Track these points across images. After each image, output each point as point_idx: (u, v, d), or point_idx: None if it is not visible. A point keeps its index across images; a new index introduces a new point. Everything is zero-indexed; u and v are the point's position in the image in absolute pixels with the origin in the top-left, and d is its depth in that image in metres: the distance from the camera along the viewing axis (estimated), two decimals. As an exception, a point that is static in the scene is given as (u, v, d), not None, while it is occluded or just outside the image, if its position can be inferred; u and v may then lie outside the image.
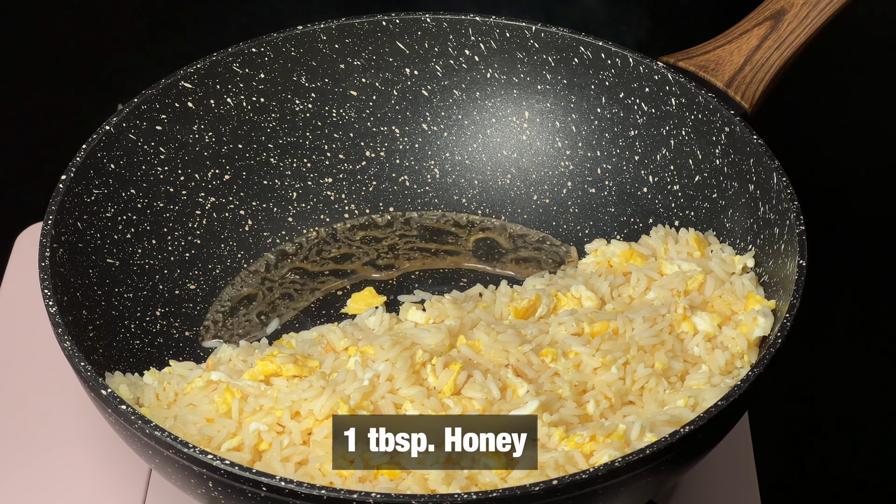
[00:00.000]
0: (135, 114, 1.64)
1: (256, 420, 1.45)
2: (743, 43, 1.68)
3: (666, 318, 1.53)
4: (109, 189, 1.62)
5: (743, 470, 1.61)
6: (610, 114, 1.73)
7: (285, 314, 1.69)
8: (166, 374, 1.53)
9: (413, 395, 1.45)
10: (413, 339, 1.50)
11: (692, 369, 1.51)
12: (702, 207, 1.67)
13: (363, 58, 1.75)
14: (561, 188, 1.77)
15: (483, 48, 1.74)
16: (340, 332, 1.54)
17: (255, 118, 1.73)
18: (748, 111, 1.64)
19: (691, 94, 1.65)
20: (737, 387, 1.37)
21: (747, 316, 1.52)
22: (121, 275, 1.61)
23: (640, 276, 1.59)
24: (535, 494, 1.29)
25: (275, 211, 1.75)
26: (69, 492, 1.58)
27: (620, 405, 1.47)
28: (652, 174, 1.71)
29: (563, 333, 1.52)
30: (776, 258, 1.54)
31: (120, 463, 1.60)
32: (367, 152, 1.79)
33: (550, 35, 1.72)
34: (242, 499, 1.33)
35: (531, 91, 1.75)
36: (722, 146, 1.63)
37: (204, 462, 1.32)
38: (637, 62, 1.68)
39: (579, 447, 1.40)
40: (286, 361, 1.49)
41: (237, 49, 1.70)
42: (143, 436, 1.35)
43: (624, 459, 1.31)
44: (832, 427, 1.80)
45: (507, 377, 1.47)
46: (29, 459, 1.61)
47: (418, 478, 1.38)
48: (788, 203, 1.52)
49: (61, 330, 1.43)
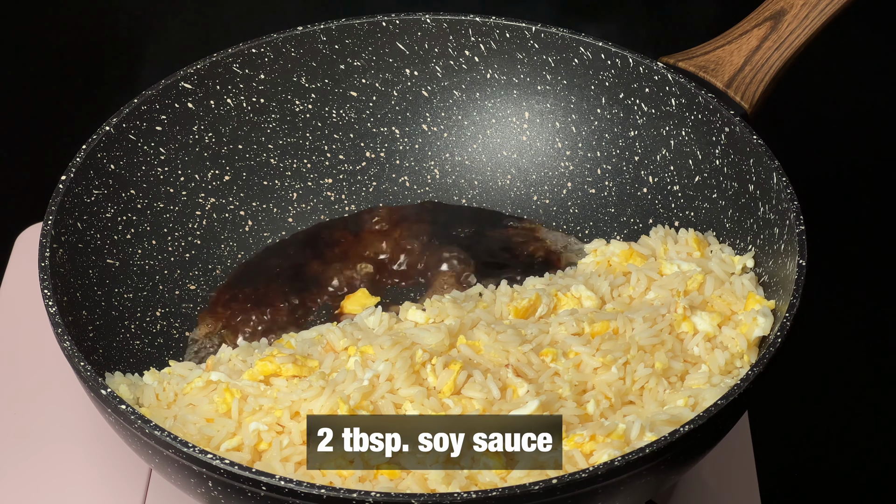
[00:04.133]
0: (135, 114, 1.64)
1: (256, 420, 1.45)
2: (743, 43, 1.68)
3: (666, 318, 1.53)
4: (109, 189, 1.62)
5: (743, 470, 1.61)
6: (610, 114, 1.73)
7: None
8: (166, 374, 1.53)
9: (413, 395, 1.45)
10: (413, 338, 1.50)
11: (692, 369, 1.51)
12: (702, 208, 1.67)
13: (363, 58, 1.75)
14: (561, 188, 1.77)
15: (483, 49, 1.75)
16: (340, 331, 1.54)
17: (255, 119, 1.73)
18: (748, 111, 1.65)
19: (691, 95, 1.65)
20: (736, 386, 1.37)
21: (747, 316, 1.52)
22: (121, 275, 1.62)
23: (639, 276, 1.59)
24: (534, 494, 1.29)
25: (275, 211, 1.75)
26: (69, 492, 1.58)
27: (620, 405, 1.47)
28: (652, 174, 1.71)
29: (564, 333, 1.52)
30: (776, 258, 1.54)
31: (120, 463, 1.60)
32: (367, 153, 1.79)
33: (550, 35, 1.72)
34: (242, 498, 1.33)
35: (531, 91, 1.75)
36: (722, 146, 1.63)
37: (204, 462, 1.32)
38: (637, 62, 1.68)
39: (579, 447, 1.40)
40: (286, 361, 1.49)
41: (237, 49, 1.70)
42: (142, 436, 1.36)
43: (624, 459, 1.31)
44: (832, 427, 1.80)
45: (507, 377, 1.47)
46: (29, 459, 1.61)
47: (418, 477, 1.38)
48: (788, 203, 1.52)
49: (61, 330, 1.43)
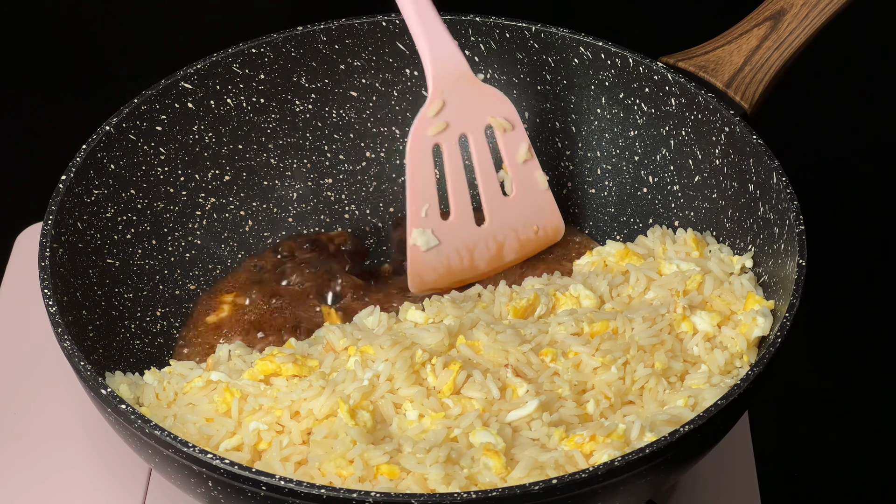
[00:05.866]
0: (135, 114, 1.64)
1: (256, 420, 1.45)
2: (743, 43, 1.68)
3: (665, 317, 1.53)
4: (109, 189, 1.62)
5: (743, 470, 1.61)
6: (610, 114, 1.73)
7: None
8: (166, 374, 1.53)
9: (413, 395, 1.45)
10: (412, 338, 1.50)
11: (692, 369, 1.51)
12: (701, 207, 1.67)
13: (363, 58, 1.75)
14: (561, 188, 1.77)
15: (483, 48, 1.75)
16: (340, 331, 1.54)
17: (256, 119, 1.73)
18: (748, 111, 1.65)
19: (691, 95, 1.65)
20: (736, 386, 1.37)
21: (747, 316, 1.52)
22: (121, 275, 1.62)
23: (638, 276, 1.59)
24: (534, 494, 1.29)
25: (275, 211, 1.75)
26: (69, 492, 1.58)
27: (620, 405, 1.47)
28: (652, 174, 1.71)
29: (563, 333, 1.52)
30: (776, 258, 1.54)
31: (120, 463, 1.60)
32: (367, 153, 1.79)
33: (550, 35, 1.72)
34: (242, 498, 1.33)
35: (531, 91, 1.75)
36: (722, 146, 1.63)
37: (203, 461, 1.32)
38: (637, 62, 1.68)
39: (579, 447, 1.40)
40: (286, 361, 1.49)
41: (237, 49, 1.70)
42: (142, 435, 1.36)
43: (624, 459, 1.31)
44: (832, 427, 1.80)
45: (507, 377, 1.47)
46: (29, 459, 1.61)
47: (418, 477, 1.38)
48: (788, 203, 1.52)
49: (61, 330, 1.43)
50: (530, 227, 1.68)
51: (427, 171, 1.62)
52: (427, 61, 1.59)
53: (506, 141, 1.65)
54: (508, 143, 1.65)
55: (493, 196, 1.66)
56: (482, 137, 1.64)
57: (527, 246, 1.69)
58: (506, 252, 1.67)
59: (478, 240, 1.66)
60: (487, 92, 1.63)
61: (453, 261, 1.65)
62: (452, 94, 1.61)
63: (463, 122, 1.62)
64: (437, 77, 1.60)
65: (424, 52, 1.59)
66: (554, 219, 1.69)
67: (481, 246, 1.66)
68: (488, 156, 1.64)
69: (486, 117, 1.63)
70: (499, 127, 1.63)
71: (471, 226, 1.66)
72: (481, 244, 1.66)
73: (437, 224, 1.64)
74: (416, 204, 1.62)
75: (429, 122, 1.61)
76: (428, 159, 1.62)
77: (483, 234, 1.66)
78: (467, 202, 1.65)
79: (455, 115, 1.62)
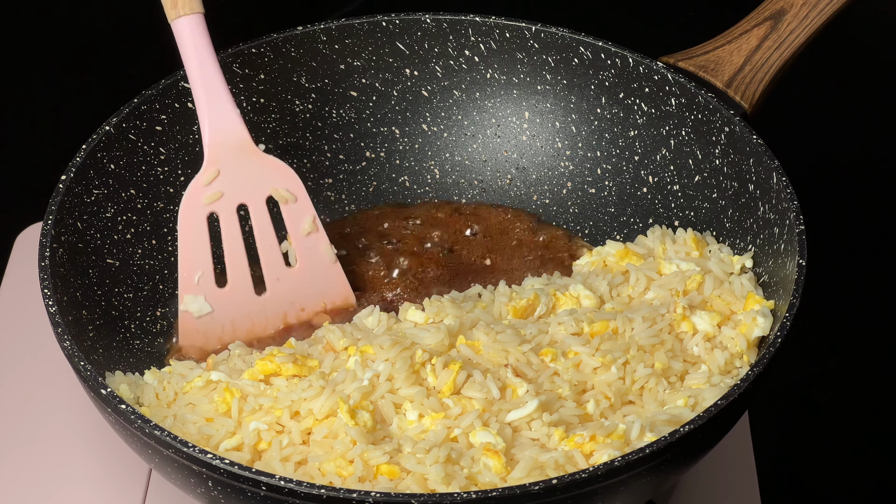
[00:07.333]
0: (135, 114, 1.64)
1: (256, 419, 1.45)
2: (743, 43, 1.68)
3: (665, 317, 1.53)
4: (109, 189, 1.62)
5: (743, 470, 1.61)
6: (610, 114, 1.73)
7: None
8: (166, 374, 1.53)
9: (412, 395, 1.45)
10: (412, 338, 1.50)
11: (692, 369, 1.51)
12: (701, 207, 1.67)
13: (363, 58, 1.75)
14: (561, 188, 1.77)
15: (483, 48, 1.75)
16: (340, 331, 1.54)
17: (255, 118, 1.73)
18: (748, 111, 1.65)
19: (691, 95, 1.65)
20: (736, 386, 1.37)
21: (746, 316, 1.52)
22: (121, 275, 1.62)
23: (638, 276, 1.59)
24: (534, 494, 1.29)
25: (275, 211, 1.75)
26: (69, 492, 1.58)
27: (620, 405, 1.47)
28: (652, 174, 1.71)
29: (563, 333, 1.52)
30: (776, 258, 1.54)
31: (120, 463, 1.60)
32: (367, 152, 1.79)
33: (550, 35, 1.72)
34: (242, 498, 1.33)
35: (531, 91, 1.75)
36: (722, 146, 1.63)
37: (203, 461, 1.32)
38: (637, 62, 1.68)
39: (579, 447, 1.40)
40: (286, 361, 1.49)
41: (237, 49, 1.70)
42: (142, 435, 1.36)
43: (624, 459, 1.31)
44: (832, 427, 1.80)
45: (507, 377, 1.47)
46: (29, 459, 1.61)
47: (418, 477, 1.38)
48: (788, 203, 1.52)
49: (61, 330, 1.43)
50: (317, 301, 1.64)
51: (200, 238, 1.58)
52: (205, 127, 1.57)
53: (289, 212, 1.62)
54: (292, 215, 1.62)
55: (275, 266, 1.62)
56: (262, 208, 1.61)
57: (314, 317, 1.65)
58: (290, 322, 1.64)
59: (258, 309, 1.62)
60: (268, 162, 1.60)
61: (226, 330, 1.61)
62: (228, 162, 1.58)
63: (240, 191, 1.60)
64: (213, 145, 1.57)
65: (203, 117, 1.57)
66: (343, 291, 1.65)
67: (260, 316, 1.62)
68: (269, 226, 1.61)
69: (267, 188, 1.60)
70: (281, 199, 1.61)
71: (249, 295, 1.62)
72: (261, 314, 1.63)
73: (212, 291, 1.60)
74: (186, 270, 1.59)
75: (201, 190, 1.58)
76: (201, 226, 1.58)
77: (263, 304, 1.63)
78: (245, 271, 1.61)
79: (231, 185, 1.59)
